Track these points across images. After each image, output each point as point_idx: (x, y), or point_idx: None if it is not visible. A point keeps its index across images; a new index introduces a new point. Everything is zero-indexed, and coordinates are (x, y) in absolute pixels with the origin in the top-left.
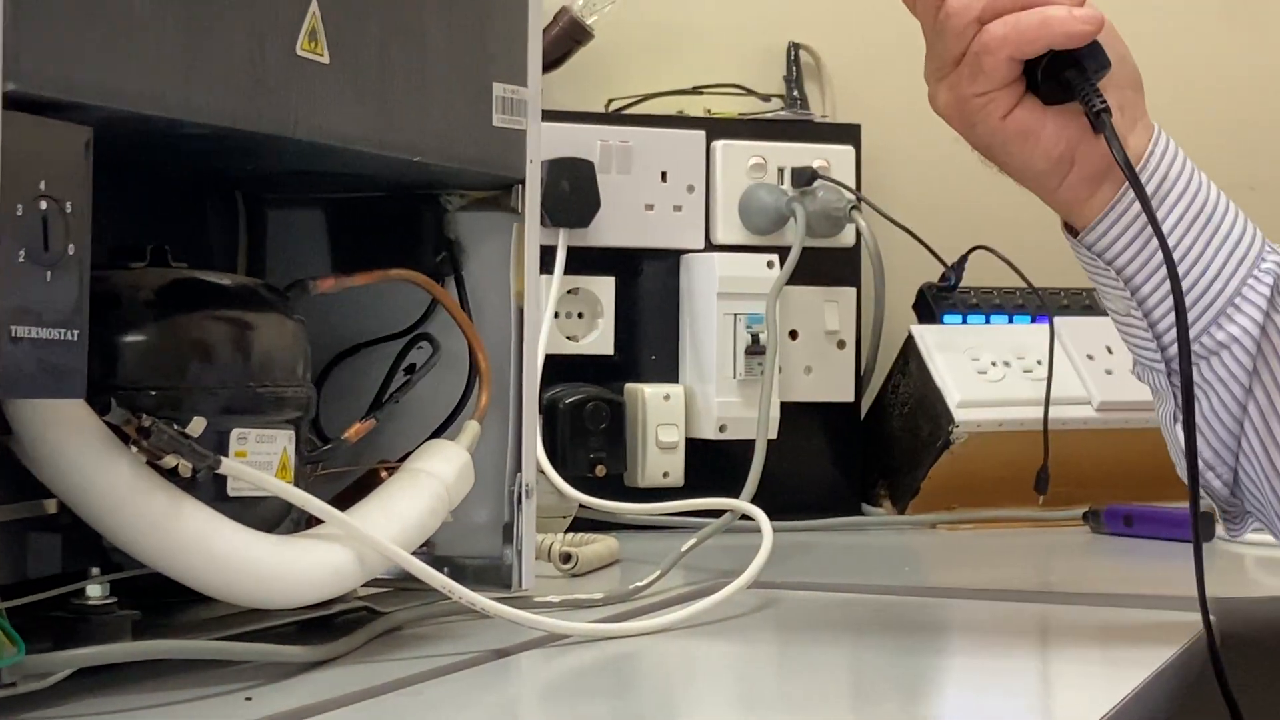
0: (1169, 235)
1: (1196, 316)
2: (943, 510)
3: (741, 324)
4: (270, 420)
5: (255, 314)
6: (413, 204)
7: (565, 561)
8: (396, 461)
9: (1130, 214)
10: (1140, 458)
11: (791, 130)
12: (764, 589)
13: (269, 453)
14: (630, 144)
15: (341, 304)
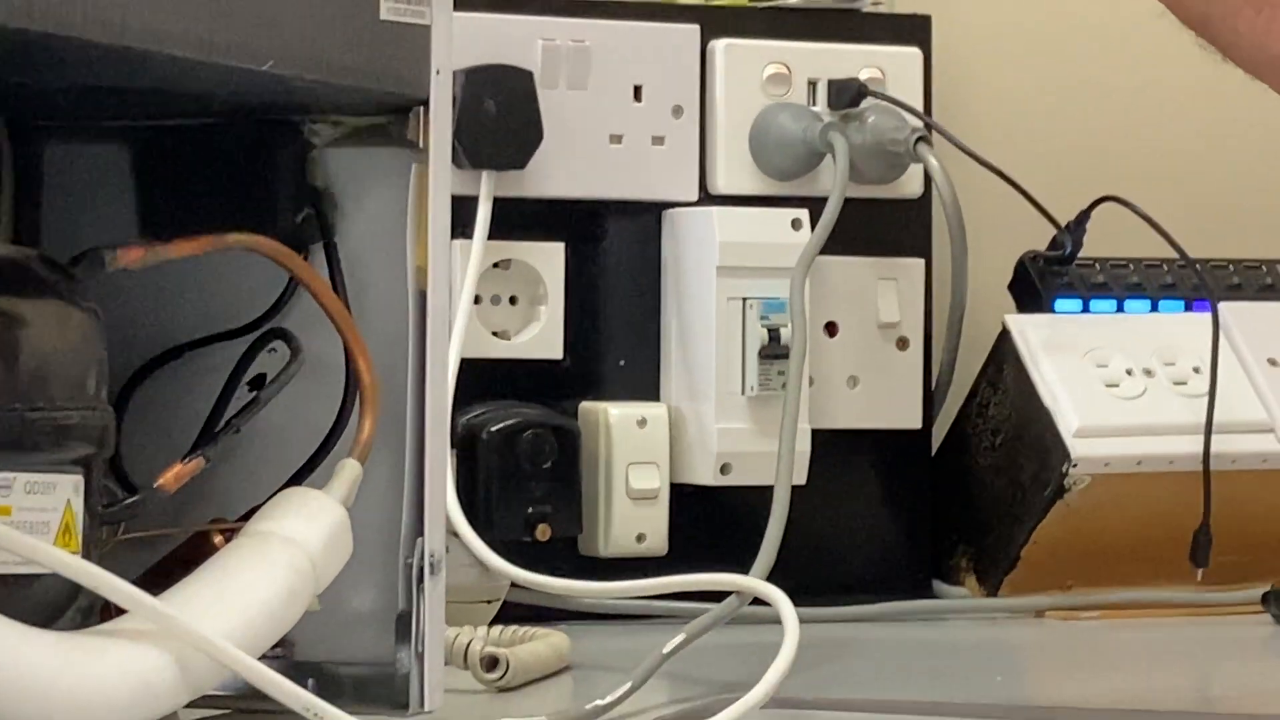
0: None
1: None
2: (1054, 590)
3: (754, 313)
4: (45, 460)
5: (22, 301)
6: (261, 136)
7: (491, 668)
8: (237, 521)
9: None
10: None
11: (829, 25)
12: (787, 709)
13: (45, 509)
14: (588, 44)
15: (156, 286)
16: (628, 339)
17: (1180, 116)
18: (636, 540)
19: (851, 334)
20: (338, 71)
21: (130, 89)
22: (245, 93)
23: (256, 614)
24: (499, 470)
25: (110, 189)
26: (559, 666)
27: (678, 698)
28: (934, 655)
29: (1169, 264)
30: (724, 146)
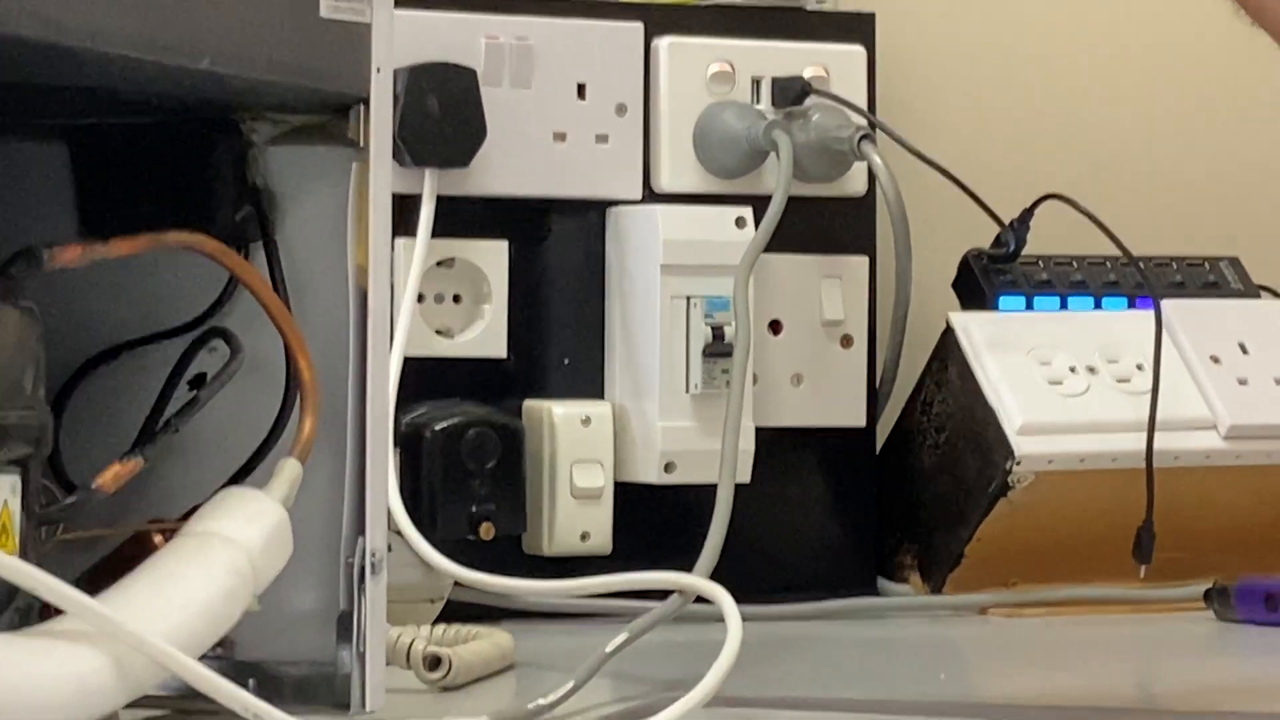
0: None
1: None
2: (998, 588)
3: (698, 311)
4: None
5: None
6: (201, 134)
7: (433, 668)
8: (177, 521)
9: None
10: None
11: (773, 23)
12: (730, 707)
13: None
14: (531, 42)
15: (93, 285)
16: (572, 337)
17: (1124, 115)
18: (580, 539)
19: (795, 332)
20: (277, 69)
21: (68, 87)
22: (184, 91)
23: (196, 614)
24: (442, 469)
25: (48, 187)
26: (502, 665)
27: (621, 696)
28: (878, 653)
29: (1112, 261)
30: (668, 144)
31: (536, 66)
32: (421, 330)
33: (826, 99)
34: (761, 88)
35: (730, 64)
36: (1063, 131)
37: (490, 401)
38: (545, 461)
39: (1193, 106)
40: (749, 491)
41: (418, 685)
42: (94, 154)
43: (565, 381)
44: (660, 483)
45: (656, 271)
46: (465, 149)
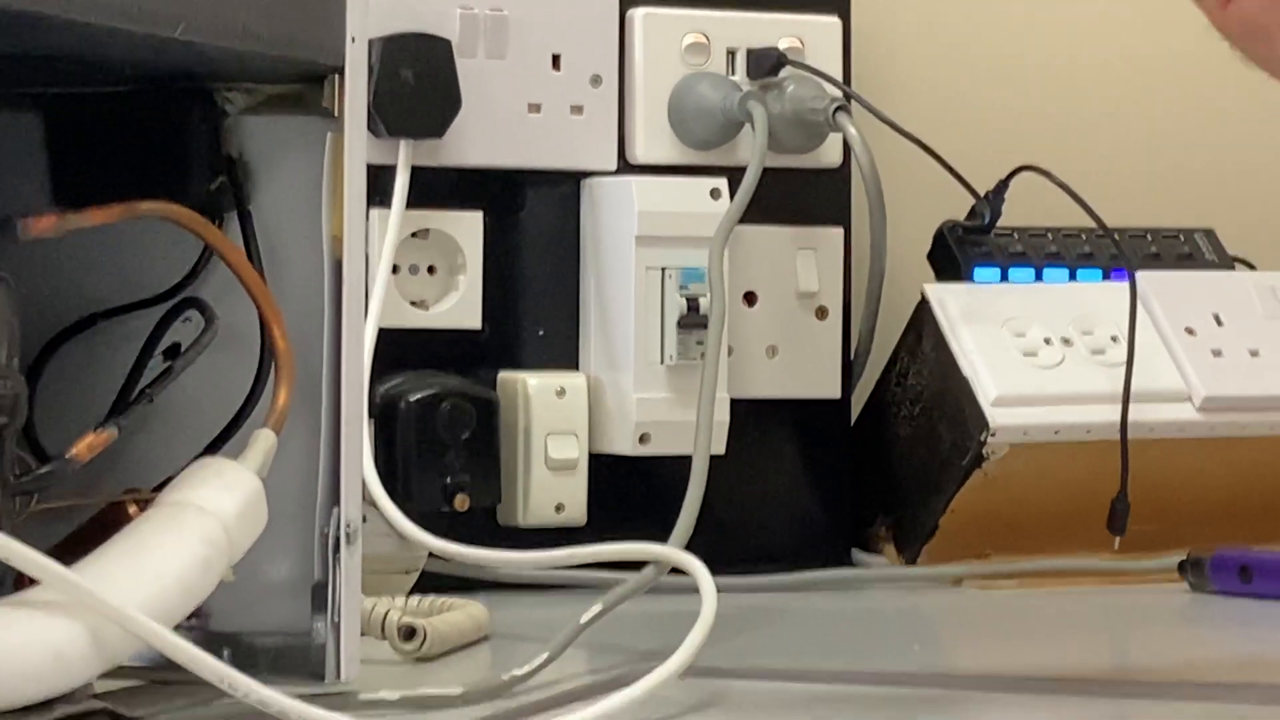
0: None
1: None
2: (972, 559)
3: (673, 282)
4: None
5: None
6: (174, 104)
7: (408, 638)
8: (151, 491)
9: None
10: (1264, 480)
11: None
12: (705, 678)
13: None
14: (506, 13)
15: (68, 254)
16: (546, 309)
17: (1099, 86)
18: (555, 510)
19: (770, 303)
20: (251, 38)
21: (40, 56)
22: (157, 60)
23: (170, 584)
24: (417, 440)
25: (22, 158)
26: (477, 637)
27: (595, 667)
28: (852, 624)
29: (1087, 233)
30: (643, 116)
31: (511, 37)
32: (396, 301)
33: (802, 70)
34: (736, 59)
35: (705, 35)
36: (1038, 103)
37: (465, 373)
38: (520, 433)
39: (1169, 78)
40: (724, 463)
41: (392, 656)
42: (67, 124)
43: (540, 353)
44: (635, 454)
45: (631, 243)
46: (440, 120)
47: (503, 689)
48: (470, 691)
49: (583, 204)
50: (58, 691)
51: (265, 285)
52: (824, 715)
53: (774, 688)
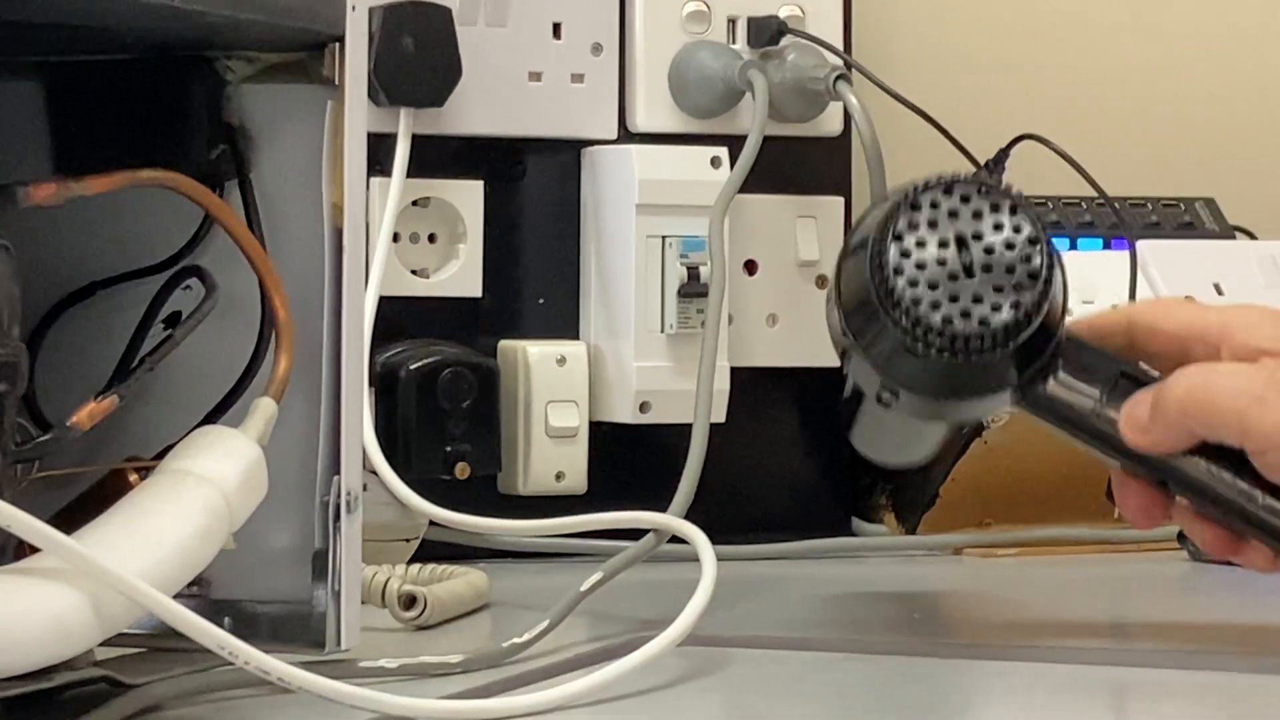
0: None
1: None
2: (972, 528)
3: (673, 251)
4: None
5: None
6: (175, 72)
7: (409, 607)
8: (152, 459)
9: None
10: None
11: None
12: (704, 646)
13: None
14: None
15: (69, 222)
16: (547, 277)
17: (1101, 54)
18: (555, 479)
19: (771, 272)
20: (251, 7)
21: (42, 24)
22: (158, 28)
23: (171, 552)
24: (417, 408)
25: (22, 125)
26: (477, 605)
27: (595, 635)
28: (852, 593)
29: (1087, 202)
30: (643, 84)
31: (512, 6)
32: (396, 270)
33: (802, 39)
34: (737, 27)
35: (706, 3)
36: (1038, 71)
37: (465, 341)
38: (520, 401)
39: (1171, 47)
40: (724, 431)
41: (393, 624)
42: (68, 92)
43: (540, 321)
44: (635, 422)
45: (632, 211)
46: (440, 88)
47: (502, 657)
48: (470, 659)
49: (583, 172)
50: (59, 659)
51: (266, 253)
52: (824, 684)
53: (774, 656)
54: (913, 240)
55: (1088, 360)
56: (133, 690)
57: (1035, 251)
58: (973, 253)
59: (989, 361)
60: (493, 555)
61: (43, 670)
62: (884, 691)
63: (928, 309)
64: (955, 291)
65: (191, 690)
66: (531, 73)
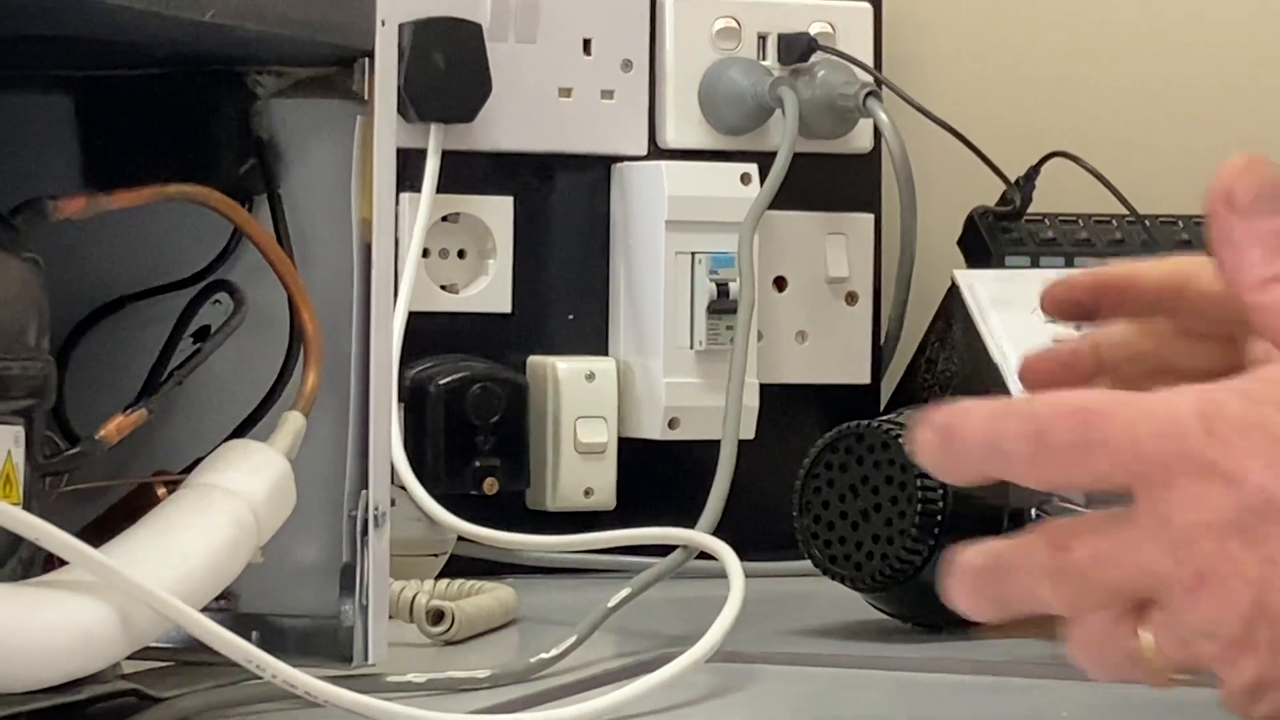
0: None
1: None
2: None
3: (703, 267)
4: None
5: None
6: (205, 87)
7: (436, 622)
8: (180, 473)
9: None
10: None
11: None
12: (732, 663)
13: None
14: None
15: (98, 236)
16: (576, 293)
17: (1131, 72)
18: (584, 494)
19: (800, 289)
20: (281, 22)
21: (73, 38)
22: (189, 43)
23: (199, 566)
24: (446, 424)
25: (53, 139)
26: (505, 620)
27: (623, 651)
28: None
29: (1118, 220)
30: (673, 100)
31: (542, 21)
32: (426, 285)
33: (833, 55)
34: (767, 44)
35: (736, 20)
36: (1069, 89)
37: (494, 357)
38: (549, 417)
39: (1201, 63)
40: (752, 448)
41: (420, 639)
42: (98, 106)
43: (569, 337)
44: (664, 439)
45: (661, 228)
46: (470, 104)
47: (530, 672)
48: (498, 674)
49: (613, 189)
50: (86, 671)
51: (295, 268)
52: (852, 701)
53: (801, 673)
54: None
55: None
56: (160, 704)
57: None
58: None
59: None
60: (521, 571)
61: (70, 683)
62: (911, 709)
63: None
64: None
65: (219, 704)
66: (561, 89)
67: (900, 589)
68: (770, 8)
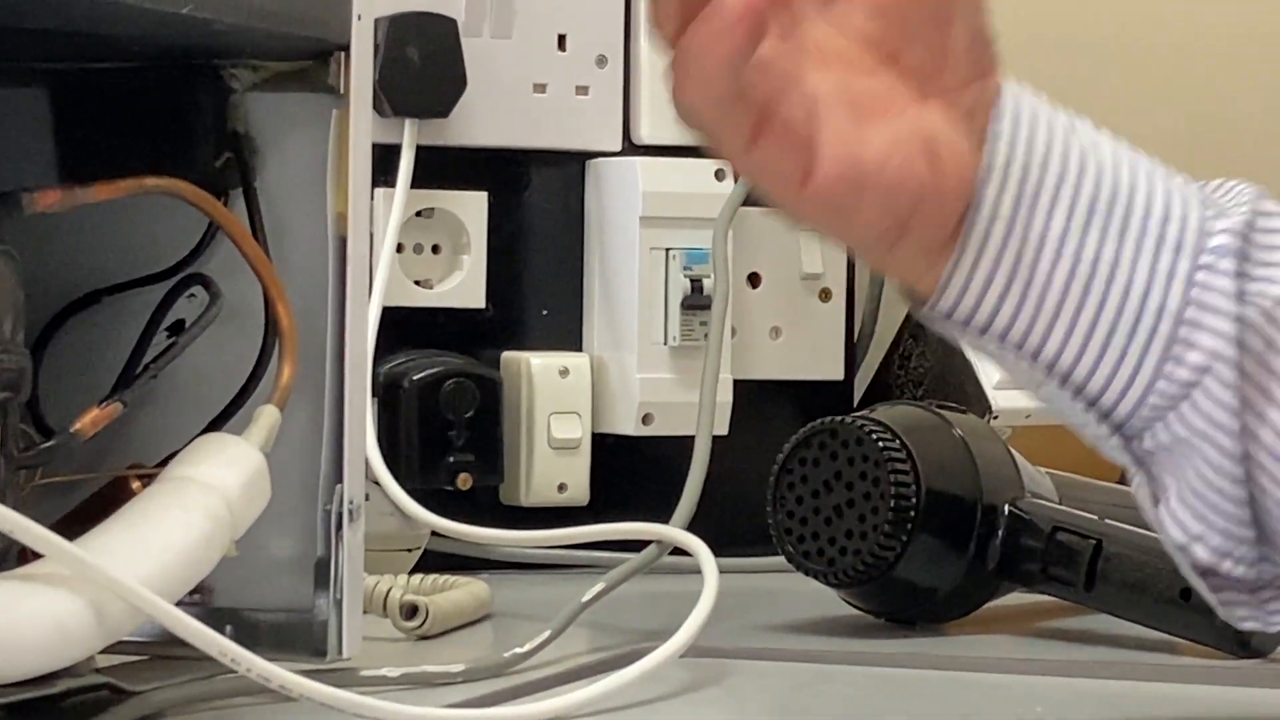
0: (1060, 252)
1: (1138, 358)
2: None
3: (677, 263)
4: None
5: None
6: (181, 80)
7: (410, 617)
8: (155, 466)
9: (989, 255)
10: None
11: None
12: (705, 658)
13: None
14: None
15: (73, 229)
16: (550, 289)
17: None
18: (558, 490)
19: (774, 285)
20: (258, 15)
21: (50, 30)
22: (165, 36)
23: (173, 559)
24: (420, 419)
25: (28, 132)
26: (479, 615)
27: (597, 646)
28: None
29: None
30: (648, 96)
31: (517, 17)
32: (400, 280)
33: None
34: None
35: None
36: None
37: (469, 352)
38: (523, 412)
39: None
40: (726, 444)
41: (394, 633)
42: (74, 99)
43: (544, 333)
44: (638, 434)
45: (636, 223)
46: (445, 99)
47: (504, 667)
48: (471, 669)
49: (587, 184)
50: (60, 665)
51: (270, 262)
52: (825, 695)
53: (775, 668)
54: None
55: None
56: (134, 697)
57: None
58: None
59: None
60: (494, 566)
61: (45, 676)
62: (885, 704)
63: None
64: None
65: (193, 698)
66: (536, 84)
67: (873, 584)
68: None
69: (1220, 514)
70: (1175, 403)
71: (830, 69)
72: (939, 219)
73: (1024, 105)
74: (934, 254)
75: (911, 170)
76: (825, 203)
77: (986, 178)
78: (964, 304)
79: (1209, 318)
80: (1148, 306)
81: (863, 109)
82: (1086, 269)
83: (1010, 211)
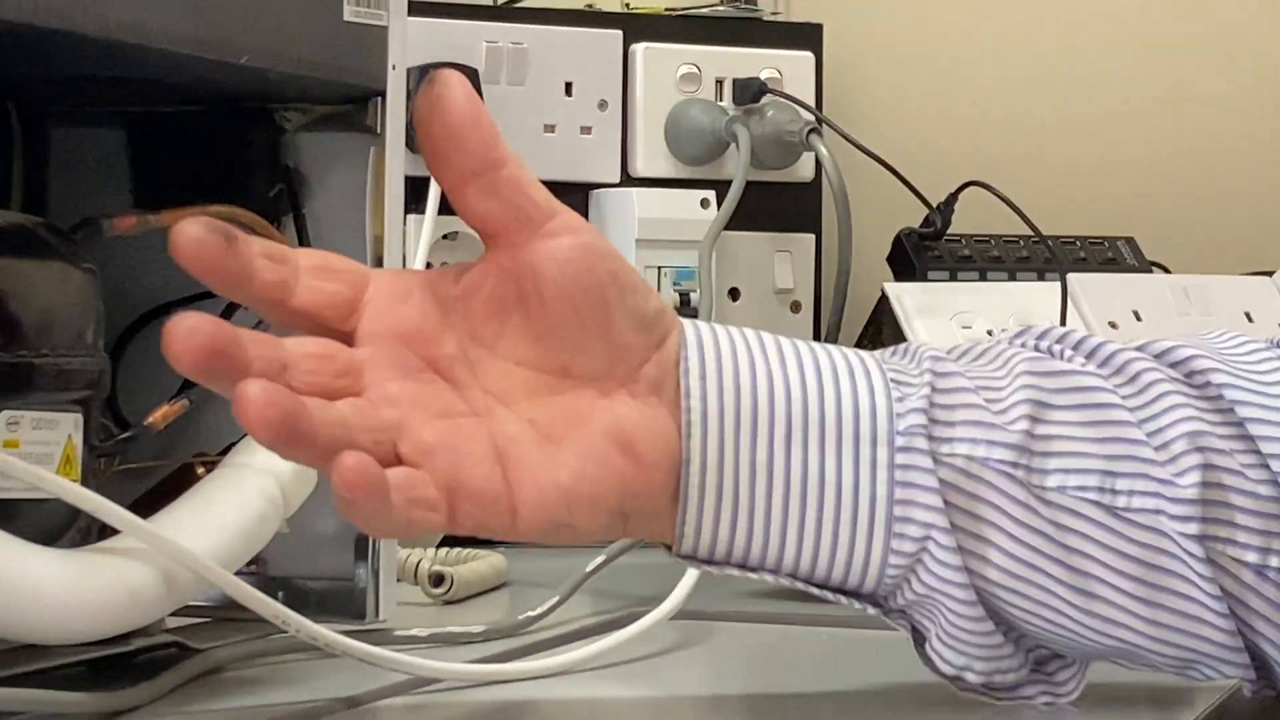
0: (771, 476)
1: (865, 546)
2: None
3: (668, 279)
4: (50, 400)
5: (29, 261)
6: (240, 121)
7: (437, 584)
8: (217, 455)
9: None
10: None
11: (734, 31)
12: (693, 620)
13: (49, 442)
14: (526, 46)
15: (146, 250)
16: None
17: (1035, 113)
18: None
19: (752, 299)
20: (306, 65)
21: (125, 79)
22: (225, 84)
23: (233, 535)
24: None
25: (108, 167)
26: (497, 583)
27: (599, 610)
28: None
29: (1025, 240)
30: (643, 136)
31: (530, 67)
32: None
33: (780, 97)
34: (724, 87)
35: (697, 66)
36: (982, 127)
37: None
38: None
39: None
40: None
41: (423, 599)
42: (148, 138)
43: None
44: None
45: (632, 245)
46: None
47: (518, 628)
48: (490, 630)
49: (590, 211)
50: (135, 626)
51: None
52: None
53: (754, 629)
54: None
55: None
56: (199, 654)
57: None
58: None
59: None
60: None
61: (121, 636)
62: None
63: None
64: None
65: (250, 654)
66: (546, 125)
67: None
68: (726, 56)
69: (976, 645)
70: (909, 570)
71: (516, 404)
72: (653, 493)
73: (707, 351)
74: (664, 516)
75: (609, 470)
76: (541, 531)
77: (689, 433)
78: (701, 545)
79: (917, 494)
80: (860, 499)
81: (551, 434)
82: (798, 483)
83: (718, 457)
